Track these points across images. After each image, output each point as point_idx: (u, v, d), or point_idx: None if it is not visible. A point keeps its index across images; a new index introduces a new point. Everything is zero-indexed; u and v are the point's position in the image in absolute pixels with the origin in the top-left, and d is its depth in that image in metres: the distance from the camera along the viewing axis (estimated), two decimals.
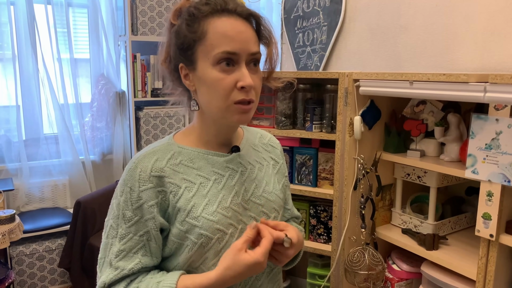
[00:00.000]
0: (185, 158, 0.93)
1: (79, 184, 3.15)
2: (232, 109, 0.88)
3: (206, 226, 0.89)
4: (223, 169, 0.95)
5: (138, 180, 0.88)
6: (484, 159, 1.19)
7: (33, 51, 2.92)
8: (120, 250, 0.88)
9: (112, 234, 0.89)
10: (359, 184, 1.61)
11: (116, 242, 0.88)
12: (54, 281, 2.87)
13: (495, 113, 1.16)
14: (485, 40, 1.52)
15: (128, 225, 0.88)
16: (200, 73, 0.88)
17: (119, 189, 0.90)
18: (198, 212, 0.89)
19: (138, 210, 0.88)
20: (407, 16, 1.78)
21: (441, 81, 1.25)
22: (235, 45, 0.85)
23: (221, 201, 0.92)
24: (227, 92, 0.86)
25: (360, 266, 1.55)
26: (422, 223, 1.56)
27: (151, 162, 0.90)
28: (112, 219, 0.90)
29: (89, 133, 3.19)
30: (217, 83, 0.86)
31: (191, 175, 0.92)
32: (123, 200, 0.88)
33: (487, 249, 1.20)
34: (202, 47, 0.87)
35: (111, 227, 0.89)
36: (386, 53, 1.89)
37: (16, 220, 2.32)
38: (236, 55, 0.86)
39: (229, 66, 0.86)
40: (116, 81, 3.20)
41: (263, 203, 0.99)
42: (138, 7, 2.98)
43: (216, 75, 0.86)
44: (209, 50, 0.86)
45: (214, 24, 0.86)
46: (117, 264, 0.87)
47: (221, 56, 0.85)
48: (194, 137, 0.97)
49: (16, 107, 2.94)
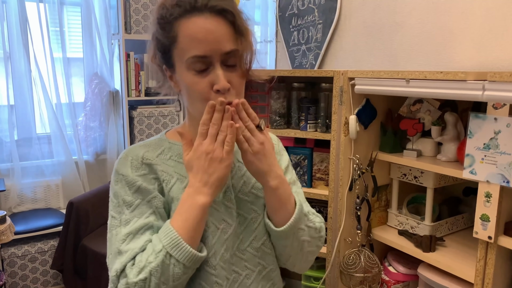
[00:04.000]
0: (175, 154, 0.93)
1: (72, 184, 3.11)
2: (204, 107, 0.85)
3: None
4: None
5: (130, 167, 0.88)
6: (482, 159, 1.16)
7: (25, 50, 2.88)
8: (126, 233, 0.84)
9: (115, 225, 0.86)
10: (354, 185, 1.58)
11: (121, 229, 0.85)
12: (46, 283, 2.83)
13: (494, 112, 1.13)
14: (482, 38, 1.50)
15: (130, 210, 0.86)
16: (179, 76, 0.87)
17: (113, 180, 0.89)
18: None
19: (137, 193, 0.86)
20: (403, 14, 1.75)
21: (438, 79, 1.22)
22: (205, 48, 0.81)
23: None
24: (203, 95, 0.84)
25: (356, 268, 1.52)
26: (418, 224, 1.53)
27: (141, 152, 0.90)
28: (113, 209, 0.87)
29: (83, 132, 3.15)
30: (193, 87, 0.84)
31: (181, 170, 0.91)
32: (120, 187, 0.87)
33: (486, 251, 1.17)
34: (176, 51, 0.85)
35: (112, 217, 0.87)
36: (382, 51, 1.86)
37: (7, 222, 2.28)
38: (208, 57, 0.82)
39: (202, 69, 0.83)
40: (109, 80, 3.17)
41: (252, 200, 0.96)
42: (132, 5, 2.94)
43: (191, 79, 0.84)
44: (182, 55, 0.84)
45: (184, 27, 0.83)
46: (126, 247, 0.83)
47: (192, 61, 0.82)
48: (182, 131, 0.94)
49: (8, 107, 2.90)
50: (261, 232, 0.97)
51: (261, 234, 0.97)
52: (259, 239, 0.97)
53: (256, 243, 0.96)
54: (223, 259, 0.90)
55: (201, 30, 0.82)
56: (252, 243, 0.95)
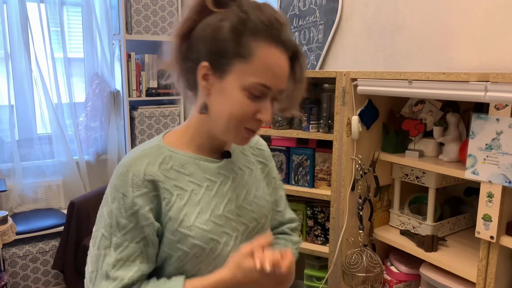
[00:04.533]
0: (176, 163, 0.89)
1: (73, 184, 3.11)
2: (240, 132, 0.86)
3: (199, 235, 0.85)
4: (215, 175, 0.92)
5: (131, 185, 0.83)
6: (484, 160, 1.17)
7: (26, 50, 2.88)
8: (117, 259, 0.82)
9: (104, 244, 0.83)
10: (356, 185, 1.58)
11: (111, 252, 0.82)
12: (48, 283, 2.83)
13: (496, 113, 1.14)
14: (483, 38, 1.50)
15: (123, 232, 0.82)
16: (225, 86, 0.83)
17: (110, 196, 0.84)
18: (191, 221, 0.85)
19: (132, 216, 0.83)
20: (404, 14, 1.76)
21: (440, 80, 1.23)
22: (273, 82, 0.82)
23: (213, 209, 0.88)
24: (244, 117, 0.84)
25: (358, 268, 1.53)
26: (420, 224, 1.54)
27: (143, 166, 0.85)
28: (104, 228, 0.83)
29: (83, 133, 3.15)
30: (239, 106, 0.82)
31: (182, 182, 0.88)
32: (116, 207, 0.83)
33: (488, 251, 1.18)
34: (241, 65, 0.81)
35: (103, 236, 0.83)
36: (383, 51, 1.87)
37: (8, 222, 2.28)
38: (270, 89, 0.83)
39: (257, 95, 0.83)
40: (110, 80, 3.17)
41: (254, 209, 0.96)
42: (133, 6, 2.95)
43: (242, 99, 0.82)
44: (247, 74, 0.81)
45: (264, 52, 0.81)
46: (116, 274, 0.81)
47: (256, 87, 0.81)
48: (186, 140, 0.92)
49: (9, 107, 2.90)
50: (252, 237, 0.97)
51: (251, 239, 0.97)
52: None
53: None
54: None
55: (278, 64, 0.82)
56: None
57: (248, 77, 0.81)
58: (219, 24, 0.81)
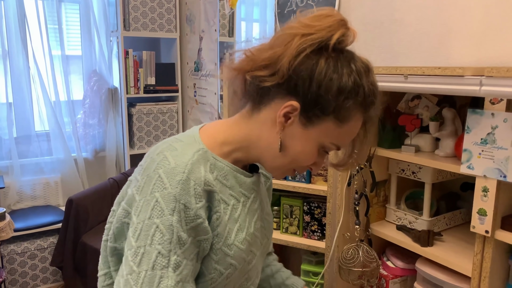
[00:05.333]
0: (220, 173, 0.81)
1: (71, 181, 3.12)
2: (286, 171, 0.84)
3: (236, 255, 0.80)
4: (250, 190, 0.87)
5: (194, 196, 0.73)
6: (479, 154, 1.17)
7: (23, 48, 2.88)
8: (177, 281, 0.71)
9: (162, 264, 0.70)
10: (353, 180, 1.59)
11: (170, 273, 0.70)
12: (46, 279, 2.84)
13: (491, 107, 1.14)
14: (480, 34, 1.50)
15: (183, 249, 0.72)
16: (306, 135, 0.78)
17: (167, 206, 0.71)
18: (232, 239, 0.80)
19: (192, 230, 0.73)
20: (402, 10, 1.76)
21: (436, 75, 1.23)
22: (345, 144, 0.83)
23: (248, 226, 0.84)
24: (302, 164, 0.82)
25: (354, 263, 1.53)
26: (417, 219, 1.54)
27: (202, 173, 0.76)
28: (161, 244, 0.70)
29: (81, 130, 3.16)
30: (308, 156, 0.80)
31: (225, 194, 0.81)
32: (176, 220, 0.71)
33: (483, 245, 1.18)
34: (331, 125, 0.77)
35: (160, 254, 0.70)
36: (381, 47, 1.87)
37: (6, 219, 2.28)
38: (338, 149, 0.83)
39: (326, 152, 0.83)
40: (108, 77, 3.17)
41: (266, 225, 0.94)
42: (130, 2, 2.95)
43: (313, 151, 0.80)
44: (333, 136, 0.78)
45: (355, 122, 0.79)
46: None
47: (331, 147, 0.81)
48: (228, 149, 0.83)
49: (7, 104, 2.90)
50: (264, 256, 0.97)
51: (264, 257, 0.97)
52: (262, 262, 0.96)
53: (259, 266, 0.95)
54: None
55: (357, 129, 0.82)
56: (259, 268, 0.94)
57: (333, 138, 0.79)
58: (332, 75, 0.75)
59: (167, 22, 3.10)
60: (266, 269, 1.13)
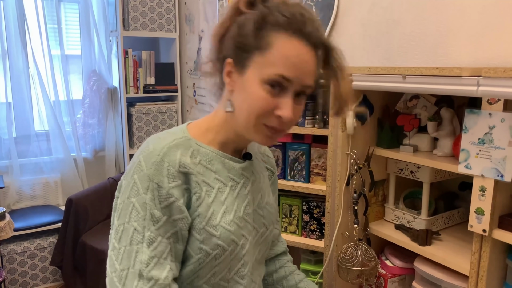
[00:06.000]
0: (204, 158, 0.86)
1: (70, 181, 3.13)
2: (259, 129, 0.82)
3: (223, 236, 0.83)
4: (239, 176, 0.90)
5: (166, 176, 0.78)
6: (477, 154, 1.18)
7: (23, 48, 2.89)
8: (151, 256, 0.76)
9: (137, 239, 0.77)
10: (352, 180, 1.59)
11: (144, 248, 0.76)
12: (46, 279, 2.85)
13: (488, 107, 1.14)
14: (478, 34, 1.51)
15: (156, 226, 0.77)
16: (246, 81, 0.81)
17: (142, 186, 0.78)
18: (217, 220, 0.83)
19: (166, 209, 0.78)
20: (400, 11, 1.77)
21: (434, 75, 1.24)
22: (293, 73, 0.78)
23: (236, 210, 0.87)
24: (263, 113, 0.80)
25: (353, 262, 1.54)
26: (415, 218, 1.55)
27: (177, 156, 0.81)
28: (136, 221, 0.77)
29: (81, 130, 3.16)
30: (258, 100, 0.79)
31: (210, 178, 0.85)
32: (150, 198, 0.77)
33: (480, 244, 1.19)
34: (259, 58, 0.79)
35: (136, 231, 0.77)
36: (379, 47, 1.87)
37: (6, 218, 2.29)
38: (290, 82, 0.79)
39: (275, 89, 0.79)
40: (107, 77, 3.17)
41: (265, 214, 0.96)
42: (130, 2, 2.95)
43: (260, 93, 0.79)
44: (265, 66, 0.79)
45: (283, 43, 0.78)
46: (150, 274, 0.76)
47: (274, 78, 0.78)
48: (211, 136, 0.89)
49: (7, 104, 2.91)
50: (264, 245, 0.98)
51: (262, 247, 0.98)
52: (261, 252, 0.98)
53: (258, 256, 0.97)
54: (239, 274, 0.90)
55: (298, 56, 0.78)
56: (256, 257, 0.96)
57: (266, 69, 0.78)
58: (244, 21, 0.81)
59: (167, 22, 3.11)
60: (280, 270, 1.14)
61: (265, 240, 0.98)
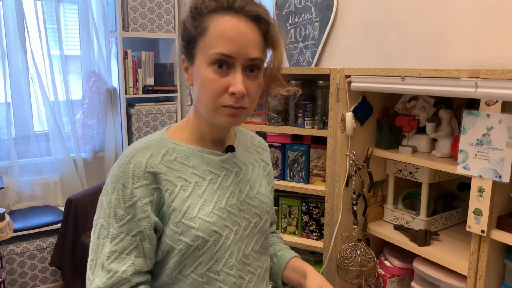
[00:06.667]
0: (180, 155, 0.90)
1: (70, 182, 3.13)
2: (219, 111, 0.85)
3: (203, 227, 0.86)
4: (219, 168, 0.93)
5: (131, 177, 0.84)
6: (475, 155, 1.18)
7: (22, 48, 2.89)
8: (112, 251, 0.83)
9: (103, 234, 0.84)
10: (351, 181, 1.60)
11: (108, 242, 0.83)
12: (45, 279, 2.85)
13: (486, 109, 1.15)
14: (476, 36, 1.52)
15: (119, 224, 0.83)
16: (196, 70, 0.86)
17: (110, 186, 0.85)
18: (195, 213, 0.86)
19: (130, 208, 0.84)
20: (399, 12, 1.77)
21: (432, 76, 1.24)
22: (233, 48, 0.81)
23: (216, 201, 0.90)
24: (216, 94, 0.83)
25: (352, 262, 1.54)
26: (414, 219, 1.56)
27: (145, 157, 0.86)
28: (103, 218, 0.85)
29: (80, 130, 3.16)
30: (208, 83, 0.83)
31: (186, 173, 0.89)
32: (115, 198, 0.84)
33: (478, 245, 1.19)
34: (201, 44, 0.84)
35: (102, 226, 0.85)
36: (378, 48, 1.88)
37: (5, 219, 2.29)
38: (232, 58, 0.82)
39: (223, 68, 0.82)
40: (107, 77, 3.17)
41: (257, 204, 0.98)
42: (129, 3, 2.95)
43: (209, 75, 0.83)
44: (207, 48, 0.83)
45: (216, 22, 0.82)
46: (109, 266, 0.83)
47: (216, 57, 0.82)
48: (188, 133, 0.94)
49: (6, 105, 2.91)
50: (260, 235, 1.00)
51: (260, 237, 0.99)
52: (258, 242, 0.99)
53: (256, 246, 0.98)
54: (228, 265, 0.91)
55: (232, 29, 0.82)
56: (254, 247, 0.97)
57: (207, 51, 0.83)
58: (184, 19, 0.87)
59: (166, 22, 3.11)
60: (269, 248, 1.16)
61: (261, 229, 0.99)
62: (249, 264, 0.96)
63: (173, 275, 0.88)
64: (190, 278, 0.88)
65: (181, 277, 0.88)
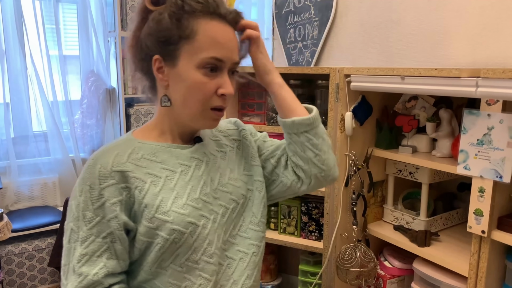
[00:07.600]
0: (147, 152, 0.90)
1: (69, 182, 3.12)
2: (206, 114, 0.88)
3: (177, 220, 0.86)
4: (189, 160, 0.93)
5: (98, 177, 0.83)
6: (476, 155, 1.18)
7: (21, 48, 2.88)
8: (82, 254, 0.83)
9: (73, 238, 0.84)
10: (350, 181, 1.59)
11: (78, 246, 0.83)
12: (44, 280, 2.84)
13: (487, 108, 1.14)
14: (477, 35, 1.51)
15: (89, 227, 0.83)
16: (181, 72, 0.86)
17: (78, 189, 0.85)
18: (168, 207, 0.86)
19: (99, 209, 0.83)
20: (399, 11, 1.76)
21: (432, 76, 1.23)
22: (224, 53, 0.86)
23: (190, 192, 0.90)
24: (207, 96, 0.86)
25: (352, 263, 1.54)
26: (414, 219, 1.55)
27: (111, 157, 0.86)
28: (73, 221, 0.84)
29: (79, 130, 3.16)
30: (198, 86, 0.85)
31: (155, 169, 0.89)
32: (83, 200, 0.83)
33: (479, 246, 1.19)
34: (188, 47, 0.85)
35: (72, 230, 0.84)
36: (378, 48, 1.87)
37: (4, 219, 2.28)
38: (222, 62, 0.86)
39: (213, 72, 0.86)
40: (106, 77, 3.17)
41: (231, 190, 0.98)
42: (128, 3, 2.95)
43: (199, 78, 0.85)
44: (197, 52, 0.84)
45: (206, 27, 0.85)
46: (80, 270, 0.83)
47: (208, 61, 0.85)
48: (155, 134, 0.94)
49: (4, 105, 2.90)
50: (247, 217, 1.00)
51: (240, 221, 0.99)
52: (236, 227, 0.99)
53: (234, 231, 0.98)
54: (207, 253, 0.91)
55: (223, 35, 0.86)
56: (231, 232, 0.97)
57: (197, 54, 0.84)
58: (159, 16, 0.85)
59: None
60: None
61: (239, 213, 0.99)
62: (227, 249, 0.96)
63: (152, 270, 0.88)
64: (170, 269, 0.88)
65: (160, 270, 0.88)
